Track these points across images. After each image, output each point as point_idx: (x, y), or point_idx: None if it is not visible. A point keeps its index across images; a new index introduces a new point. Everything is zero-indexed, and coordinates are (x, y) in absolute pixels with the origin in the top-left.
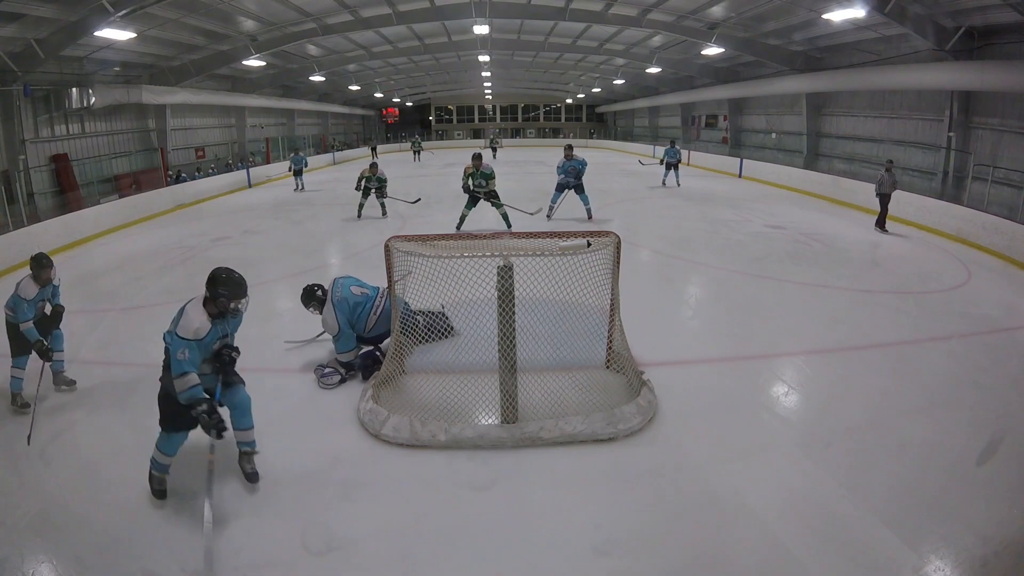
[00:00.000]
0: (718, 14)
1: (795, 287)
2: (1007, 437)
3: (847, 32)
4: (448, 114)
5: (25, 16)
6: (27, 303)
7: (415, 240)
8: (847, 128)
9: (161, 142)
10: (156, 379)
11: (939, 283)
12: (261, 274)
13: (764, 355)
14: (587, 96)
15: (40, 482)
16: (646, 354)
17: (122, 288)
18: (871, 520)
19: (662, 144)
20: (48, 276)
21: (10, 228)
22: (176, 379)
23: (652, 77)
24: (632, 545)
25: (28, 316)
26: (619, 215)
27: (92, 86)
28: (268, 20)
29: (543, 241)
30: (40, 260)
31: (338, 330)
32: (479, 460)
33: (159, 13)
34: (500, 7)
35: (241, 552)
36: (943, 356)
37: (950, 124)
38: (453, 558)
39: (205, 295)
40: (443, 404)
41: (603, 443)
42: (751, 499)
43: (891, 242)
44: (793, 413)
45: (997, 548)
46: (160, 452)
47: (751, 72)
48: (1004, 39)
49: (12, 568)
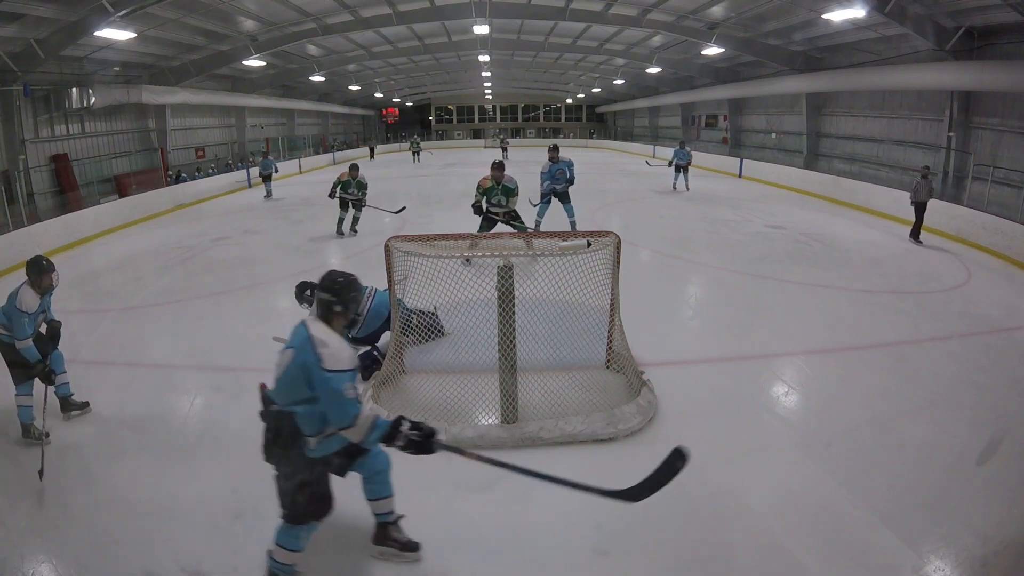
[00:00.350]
0: (718, 14)
1: (795, 287)
2: (1007, 437)
3: (847, 32)
4: (448, 114)
5: (25, 16)
6: (28, 317)
7: (415, 240)
8: (847, 128)
9: (161, 142)
10: (156, 379)
11: (939, 283)
12: (261, 274)
13: (764, 355)
14: (587, 96)
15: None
16: (646, 354)
17: (122, 288)
18: (871, 520)
19: (662, 144)
20: (50, 282)
21: (10, 228)
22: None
23: (652, 77)
24: (632, 545)
25: (28, 333)
26: (619, 215)
27: (92, 86)
28: (268, 20)
29: (543, 241)
30: (40, 264)
31: None
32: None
33: (159, 13)
34: (500, 7)
35: (241, 552)
36: (943, 356)
37: (950, 124)
38: (453, 558)
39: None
40: (443, 404)
41: (603, 443)
42: (751, 499)
43: (891, 242)
44: (793, 413)
45: (997, 548)
46: (284, 550)
47: (751, 72)
48: (1004, 39)
49: (12, 568)
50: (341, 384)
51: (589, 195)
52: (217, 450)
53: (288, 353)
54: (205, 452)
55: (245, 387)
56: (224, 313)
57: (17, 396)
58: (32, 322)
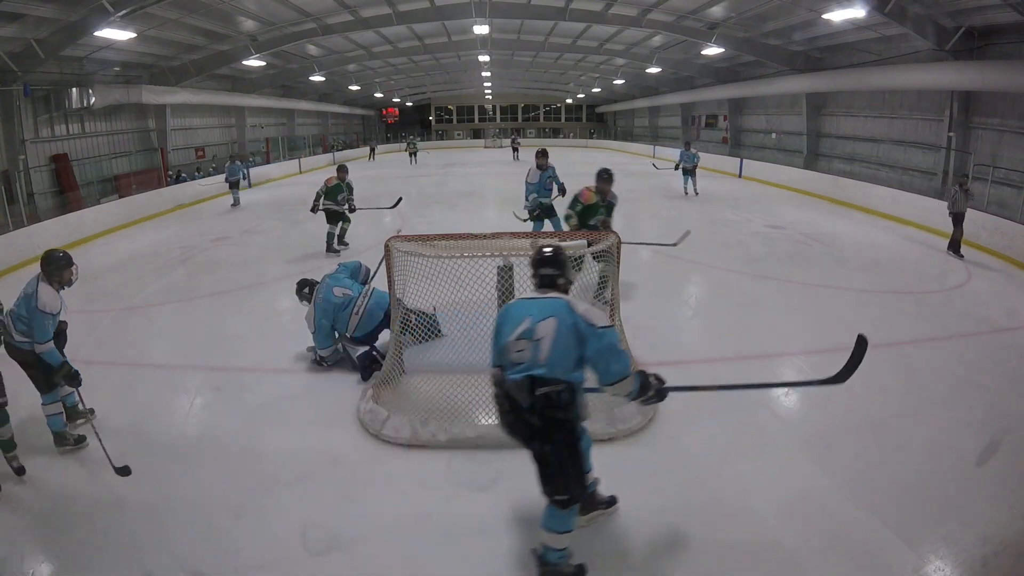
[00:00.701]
0: (718, 14)
1: (795, 287)
2: (1007, 437)
3: (847, 32)
4: (448, 114)
5: (25, 16)
6: (52, 318)
7: (415, 240)
8: (847, 128)
9: (161, 142)
10: (156, 379)
11: (939, 283)
12: (261, 274)
13: (764, 355)
14: (587, 96)
15: (40, 482)
16: (646, 354)
17: (122, 288)
18: (871, 520)
19: (662, 144)
20: (70, 276)
21: (10, 228)
22: None
23: (652, 77)
24: (632, 545)
25: (51, 335)
26: (619, 215)
27: (92, 86)
28: (268, 20)
29: (543, 241)
30: (57, 258)
31: (315, 328)
32: (479, 460)
33: (159, 13)
34: (500, 7)
35: (241, 552)
36: (943, 356)
37: (950, 124)
38: (453, 558)
39: None
40: (443, 404)
41: (603, 443)
42: (751, 499)
43: (891, 242)
44: (793, 413)
45: (997, 548)
46: (558, 534)
47: (751, 72)
48: (1004, 39)
49: (12, 568)
50: (615, 337)
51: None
52: (217, 450)
53: (551, 322)
54: (205, 452)
55: (245, 387)
56: (224, 313)
57: (45, 406)
58: (55, 323)
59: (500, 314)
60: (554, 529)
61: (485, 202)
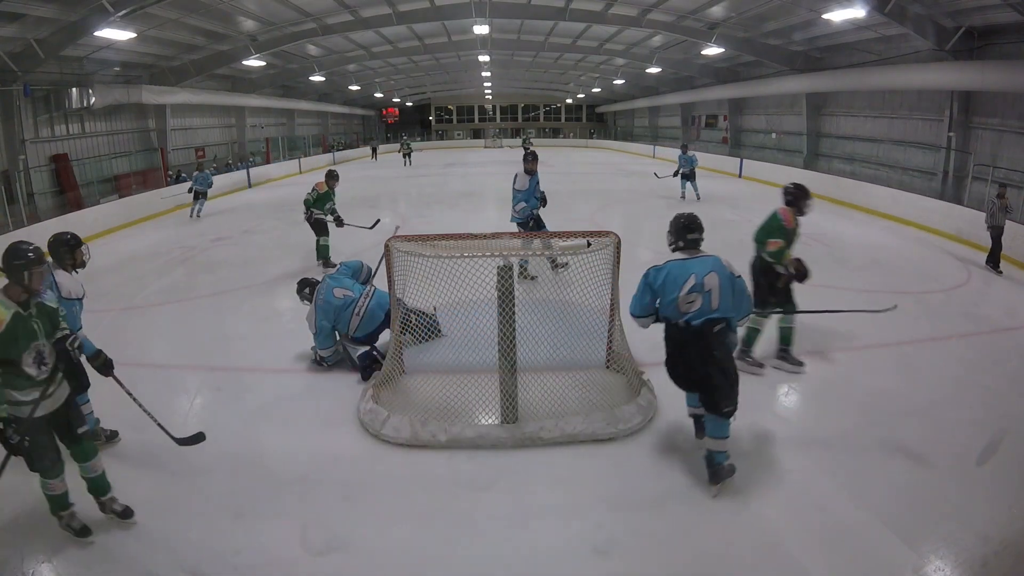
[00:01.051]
0: (718, 14)
1: (795, 287)
2: (1007, 437)
3: (847, 32)
4: (448, 114)
5: (25, 16)
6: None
7: (415, 240)
8: (847, 128)
9: (161, 142)
10: (156, 379)
11: (939, 283)
12: (261, 274)
13: (764, 355)
14: (587, 96)
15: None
16: (646, 354)
17: (122, 288)
18: (871, 520)
19: (662, 145)
20: (82, 256)
21: (10, 228)
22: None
23: (652, 77)
24: (632, 545)
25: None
26: (619, 215)
27: (92, 86)
28: (268, 20)
29: (543, 241)
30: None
31: (316, 330)
32: (479, 460)
33: (159, 13)
34: (500, 7)
35: (241, 552)
36: (943, 356)
37: (950, 124)
38: (453, 558)
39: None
40: (443, 404)
41: (603, 443)
42: (751, 499)
43: (891, 242)
44: (793, 413)
45: (997, 548)
46: (722, 440)
47: (751, 72)
48: (1004, 39)
49: (12, 568)
50: (747, 284)
51: (590, 195)
52: (217, 450)
53: (713, 276)
54: (205, 452)
55: (245, 387)
56: (224, 313)
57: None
58: (82, 308)
59: (652, 279)
60: (720, 436)
61: (485, 202)
